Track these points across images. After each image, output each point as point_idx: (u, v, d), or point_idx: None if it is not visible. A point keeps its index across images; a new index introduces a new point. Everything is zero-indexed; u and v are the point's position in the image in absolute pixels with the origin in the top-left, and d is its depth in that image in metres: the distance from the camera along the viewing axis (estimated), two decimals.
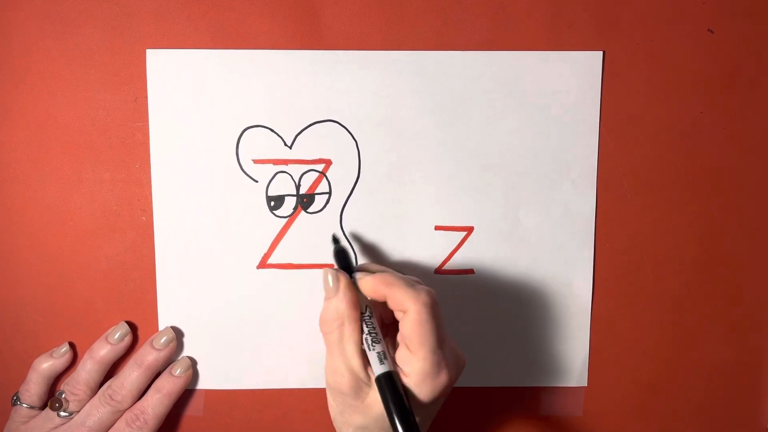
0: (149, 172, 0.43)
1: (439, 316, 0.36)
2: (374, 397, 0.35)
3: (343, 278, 0.38)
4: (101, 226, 0.44)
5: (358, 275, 0.38)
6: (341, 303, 0.37)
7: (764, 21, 0.44)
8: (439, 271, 0.45)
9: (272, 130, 0.43)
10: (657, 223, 0.45)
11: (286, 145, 0.43)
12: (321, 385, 0.45)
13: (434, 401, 0.36)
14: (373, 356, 0.35)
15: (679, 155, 0.45)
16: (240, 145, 0.43)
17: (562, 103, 0.44)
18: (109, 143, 0.43)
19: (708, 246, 0.46)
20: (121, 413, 0.42)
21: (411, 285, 0.36)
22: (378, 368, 0.35)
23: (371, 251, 0.44)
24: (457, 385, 0.46)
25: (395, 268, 0.44)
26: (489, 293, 0.45)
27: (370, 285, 0.37)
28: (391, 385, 0.34)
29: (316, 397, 0.46)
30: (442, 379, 0.35)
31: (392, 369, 0.35)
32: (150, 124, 0.43)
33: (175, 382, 0.43)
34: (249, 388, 0.45)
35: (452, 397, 0.46)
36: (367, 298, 0.38)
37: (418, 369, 0.35)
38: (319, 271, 0.44)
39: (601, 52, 0.43)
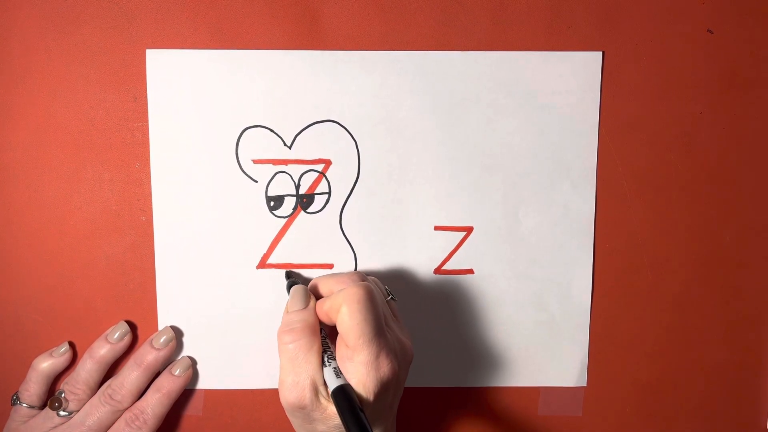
0: (149, 172, 0.43)
1: (373, 308, 0.35)
2: (333, 410, 0.35)
3: (314, 297, 0.39)
4: (101, 226, 0.44)
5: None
6: (312, 317, 0.38)
7: (764, 21, 0.44)
8: (438, 271, 0.45)
9: (272, 130, 0.43)
10: (656, 223, 0.45)
11: (285, 145, 0.43)
12: None
13: (383, 393, 0.35)
14: (329, 371, 0.36)
15: (678, 155, 0.45)
16: (240, 145, 0.43)
17: (562, 103, 0.44)
18: (109, 143, 0.43)
19: (707, 246, 0.46)
20: (120, 413, 0.42)
21: (345, 284, 0.37)
22: (334, 382, 0.35)
23: (371, 251, 0.44)
24: (456, 385, 0.46)
25: (395, 268, 0.44)
26: (488, 293, 0.45)
27: (320, 307, 0.38)
28: (347, 398, 0.34)
29: None
30: (384, 369, 0.35)
31: (347, 383, 0.35)
32: (150, 124, 0.43)
33: (175, 382, 0.43)
34: (249, 388, 0.45)
35: (452, 397, 0.46)
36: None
37: (357, 362, 0.35)
38: (320, 271, 0.44)
39: (601, 53, 0.43)
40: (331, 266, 0.44)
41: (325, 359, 0.36)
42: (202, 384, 0.45)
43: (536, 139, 0.44)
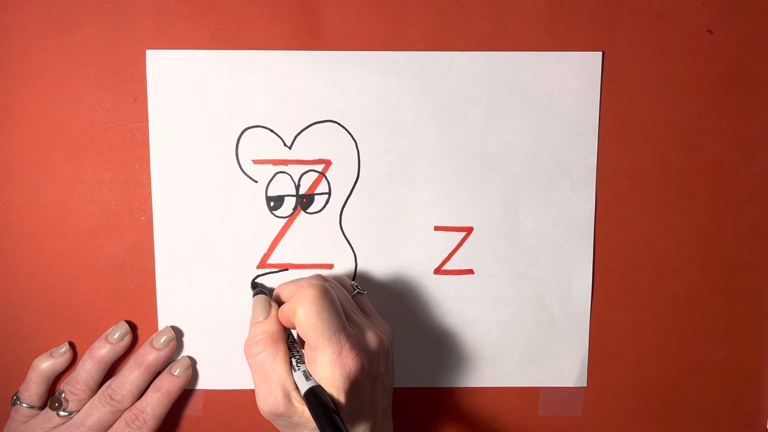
0: (149, 172, 0.43)
1: (328, 306, 0.35)
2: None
3: (275, 305, 0.39)
4: (101, 227, 0.44)
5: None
6: (273, 325, 0.38)
7: (764, 21, 0.44)
8: (438, 271, 0.45)
9: (272, 131, 0.43)
10: (656, 223, 0.45)
11: (285, 145, 0.43)
12: None
13: (355, 388, 0.35)
14: (299, 375, 0.35)
15: (678, 155, 0.45)
16: (240, 145, 0.43)
17: (562, 103, 0.44)
18: (109, 143, 0.43)
19: (708, 246, 0.46)
20: (120, 413, 0.42)
21: (300, 287, 0.37)
22: (305, 385, 0.35)
23: (371, 251, 0.44)
24: (456, 385, 0.46)
25: (395, 268, 0.44)
26: (488, 293, 0.45)
27: (282, 313, 0.38)
28: (318, 399, 0.34)
29: None
30: (350, 365, 0.35)
31: (317, 384, 0.35)
32: (150, 124, 0.43)
33: (175, 382, 0.43)
34: (249, 388, 0.45)
35: (452, 397, 0.46)
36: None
37: (321, 361, 0.35)
38: (320, 271, 0.44)
39: (601, 53, 0.43)
40: (331, 266, 0.44)
41: (294, 364, 0.36)
42: (202, 384, 0.45)
43: (536, 139, 0.44)
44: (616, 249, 0.45)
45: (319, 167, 0.44)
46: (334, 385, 0.34)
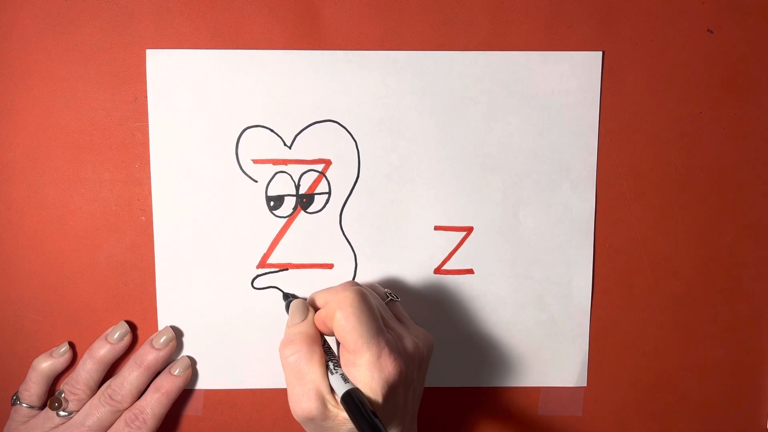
0: (149, 172, 0.43)
1: (367, 309, 0.35)
2: (344, 416, 0.35)
3: (312, 310, 0.39)
4: (101, 226, 0.44)
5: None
6: (310, 328, 0.38)
7: (764, 21, 0.44)
8: (438, 271, 0.45)
9: (272, 130, 0.43)
10: (657, 223, 0.45)
11: (285, 145, 0.43)
12: None
13: (391, 393, 0.35)
14: (336, 378, 0.35)
15: (678, 155, 0.45)
16: (240, 145, 0.43)
17: (562, 103, 0.44)
18: (109, 143, 0.43)
19: (708, 246, 0.46)
20: (120, 413, 0.42)
21: (336, 292, 0.37)
22: (342, 387, 0.34)
23: (371, 251, 0.44)
24: (456, 385, 0.46)
25: (395, 268, 0.44)
26: (489, 293, 0.45)
27: (318, 318, 0.38)
28: (357, 401, 0.33)
29: None
30: (389, 369, 0.35)
31: (355, 387, 0.34)
32: (150, 124, 0.43)
33: (174, 382, 0.43)
34: (249, 388, 0.45)
35: (452, 397, 0.46)
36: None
37: (360, 364, 0.34)
38: (320, 271, 0.44)
39: (601, 52, 0.43)
40: (331, 266, 0.44)
41: (331, 367, 0.36)
42: (202, 384, 0.45)
43: (536, 139, 0.44)
44: (616, 249, 0.45)
45: (319, 167, 0.44)
46: (372, 388, 0.34)
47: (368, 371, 0.34)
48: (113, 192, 0.43)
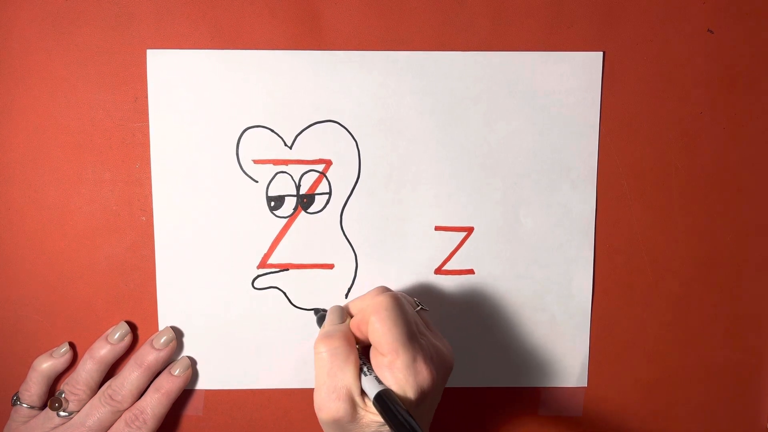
0: (149, 172, 0.43)
1: (402, 313, 0.35)
2: (370, 418, 0.35)
3: (348, 316, 0.40)
4: (101, 226, 0.44)
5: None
6: (349, 329, 0.38)
7: (764, 21, 0.44)
8: (439, 271, 0.45)
9: (272, 131, 0.43)
10: (657, 223, 0.45)
11: (286, 145, 0.43)
12: None
13: (422, 399, 0.35)
14: (370, 380, 0.35)
15: (679, 155, 0.45)
16: (240, 145, 0.43)
17: (562, 103, 0.44)
18: (109, 143, 0.43)
19: (708, 246, 0.46)
20: (120, 413, 0.42)
21: (370, 298, 0.37)
22: (376, 388, 0.34)
23: (371, 251, 0.44)
24: (456, 385, 0.46)
25: (395, 268, 0.44)
26: (489, 293, 0.45)
27: (353, 324, 0.38)
28: (391, 401, 0.33)
29: None
30: (423, 374, 0.35)
31: (389, 387, 0.35)
32: (150, 124, 0.43)
33: (174, 382, 0.43)
34: (249, 388, 0.45)
35: (452, 398, 0.46)
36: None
37: (395, 368, 0.34)
38: (320, 271, 0.44)
39: (601, 53, 0.43)
40: (331, 266, 0.44)
41: (365, 369, 0.36)
42: (202, 384, 0.45)
43: (536, 139, 0.44)
44: (617, 249, 0.46)
45: (320, 167, 0.44)
46: (405, 392, 0.34)
47: (402, 375, 0.34)
48: (113, 192, 0.43)
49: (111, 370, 0.44)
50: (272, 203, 0.44)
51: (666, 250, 0.46)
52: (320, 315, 0.43)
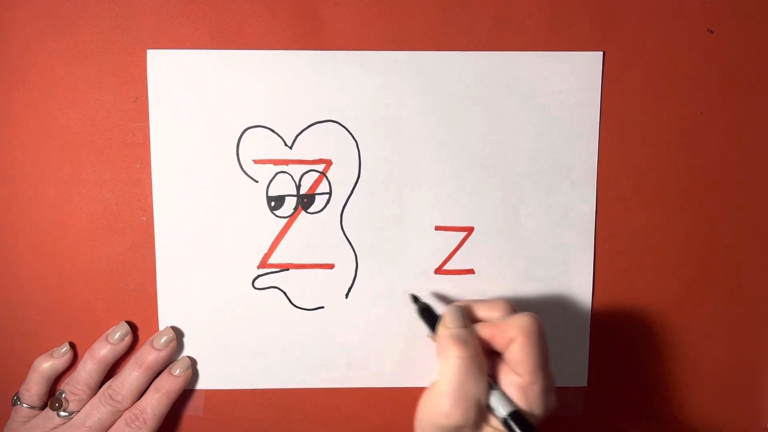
0: (149, 172, 0.43)
1: (544, 341, 0.37)
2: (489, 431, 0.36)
3: (469, 320, 0.39)
4: (101, 227, 0.44)
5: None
6: (478, 338, 0.38)
7: (764, 21, 0.44)
8: (439, 271, 0.45)
9: (272, 131, 0.43)
10: (657, 223, 0.45)
11: (286, 145, 0.43)
12: (321, 385, 0.45)
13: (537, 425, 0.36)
14: (498, 395, 0.36)
15: (679, 155, 0.45)
16: (240, 145, 0.43)
17: (562, 103, 0.44)
18: (110, 143, 0.43)
19: (708, 246, 0.46)
20: (121, 413, 0.42)
21: (499, 311, 0.39)
22: (506, 406, 0.35)
23: (371, 251, 0.44)
24: None
25: (395, 269, 0.44)
26: (489, 293, 0.45)
27: (485, 332, 0.38)
28: (523, 422, 0.35)
29: (317, 397, 0.46)
30: (552, 401, 0.37)
31: (519, 408, 0.36)
32: (150, 124, 0.43)
33: (174, 382, 0.43)
34: (249, 388, 0.45)
35: None
36: None
37: (532, 392, 0.36)
38: (321, 271, 0.44)
39: (601, 53, 0.43)
40: (331, 266, 0.44)
41: (491, 383, 0.36)
42: (202, 384, 0.45)
43: (536, 139, 0.44)
44: (617, 249, 0.46)
45: (320, 167, 0.44)
46: (533, 416, 0.36)
47: (536, 400, 0.36)
48: (114, 192, 0.43)
49: (111, 370, 0.44)
50: (272, 203, 0.44)
51: (666, 250, 0.46)
52: (423, 307, 0.42)
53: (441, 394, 0.36)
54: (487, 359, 0.38)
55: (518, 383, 0.36)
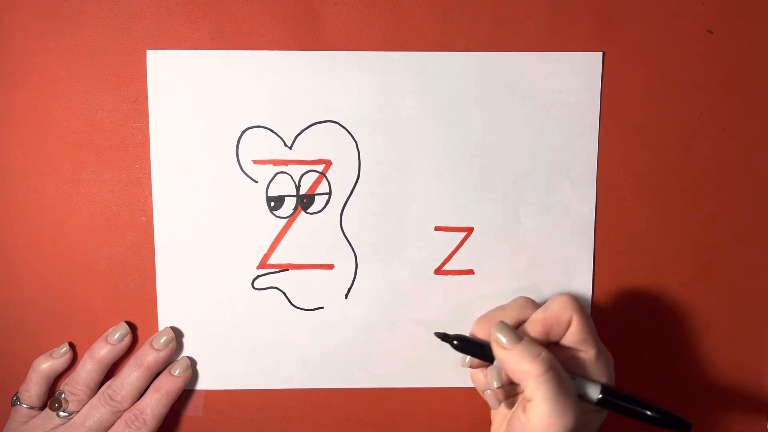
0: (149, 172, 0.43)
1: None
2: (590, 417, 0.39)
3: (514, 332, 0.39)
4: (101, 227, 0.44)
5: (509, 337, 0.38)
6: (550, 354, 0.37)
7: (764, 21, 0.44)
8: (438, 271, 0.45)
9: (272, 131, 0.43)
10: (657, 223, 0.45)
11: (286, 145, 0.43)
12: (320, 385, 0.45)
13: None
14: (578, 381, 0.38)
15: (679, 155, 0.45)
16: (240, 145, 0.43)
17: (562, 103, 0.44)
18: (109, 144, 0.43)
19: (708, 246, 0.46)
20: (120, 413, 0.42)
21: (554, 301, 0.40)
22: (593, 387, 0.38)
23: (371, 251, 0.44)
24: (457, 385, 0.46)
25: (395, 269, 0.44)
26: (489, 293, 0.45)
27: (534, 331, 0.39)
28: (616, 393, 0.38)
29: (316, 397, 0.46)
30: (612, 359, 0.40)
31: (604, 383, 0.38)
32: (150, 124, 0.43)
33: (174, 382, 0.43)
34: (249, 388, 0.45)
35: (453, 397, 0.46)
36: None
37: (604, 360, 0.39)
38: (320, 271, 0.44)
39: (601, 53, 0.43)
40: (331, 267, 0.44)
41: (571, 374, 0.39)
42: (202, 384, 0.45)
43: (536, 139, 0.44)
44: (617, 249, 0.45)
45: (320, 167, 0.44)
46: (610, 380, 0.40)
47: (607, 365, 0.40)
48: (113, 192, 0.43)
49: (111, 371, 0.44)
50: (272, 203, 0.44)
51: (666, 250, 0.46)
52: (458, 338, 0.40)
53: (550, 414, 0.35)
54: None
55: (589, 358, 0.39)
